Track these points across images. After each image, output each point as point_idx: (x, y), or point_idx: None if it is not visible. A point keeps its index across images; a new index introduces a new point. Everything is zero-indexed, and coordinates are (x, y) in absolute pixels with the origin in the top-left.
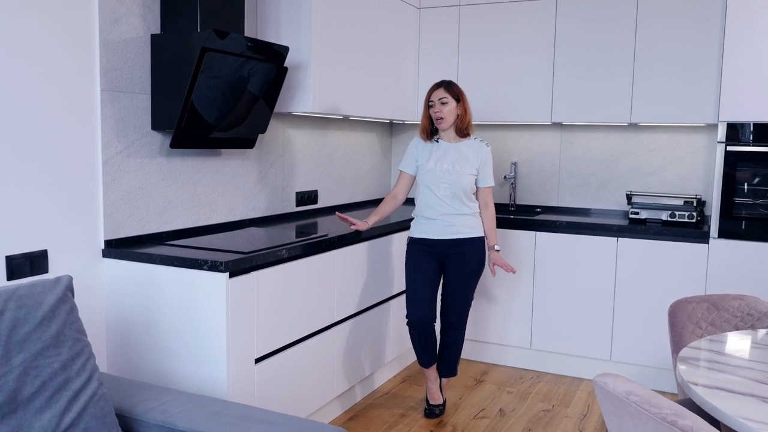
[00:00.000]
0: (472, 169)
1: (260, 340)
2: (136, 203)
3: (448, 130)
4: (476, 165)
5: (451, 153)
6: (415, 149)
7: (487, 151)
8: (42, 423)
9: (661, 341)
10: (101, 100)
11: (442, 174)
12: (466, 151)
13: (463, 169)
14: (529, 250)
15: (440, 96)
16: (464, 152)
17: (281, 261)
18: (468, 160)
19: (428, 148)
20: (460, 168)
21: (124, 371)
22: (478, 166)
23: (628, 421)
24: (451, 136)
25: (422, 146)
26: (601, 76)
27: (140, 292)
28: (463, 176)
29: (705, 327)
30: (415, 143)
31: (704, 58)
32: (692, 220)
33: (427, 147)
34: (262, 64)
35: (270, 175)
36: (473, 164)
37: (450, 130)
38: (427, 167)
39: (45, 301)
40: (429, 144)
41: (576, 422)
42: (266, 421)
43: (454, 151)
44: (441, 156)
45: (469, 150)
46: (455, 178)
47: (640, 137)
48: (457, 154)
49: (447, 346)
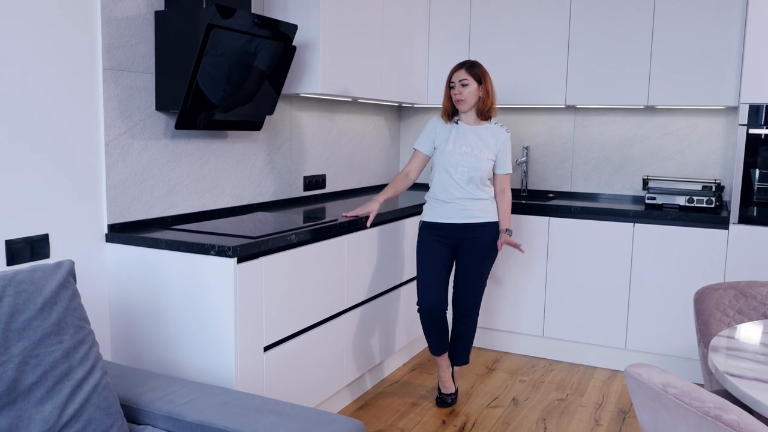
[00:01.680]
0: (491, 154)
1: (269, 328)
2: (140, 186)
3: (469, 113)
4: (495, 150)
5: (470, 136)
6: (434, 129)
7: (506, 137)
8: (43, 414)
9: (679, 330)
10: (104, 79)
11: (460, 157)
12: (486, 135)
13: (482, 153)
14: (542, 235)
15: (461, 77)
16: (484, 136)
17: (290, 246)
18: (487, 144)
19: (447, 130)
20: (479, 152)
21: (128, 360)
22: (496, 152)
23: (665, 415)
24: (471, 119)
25: (441, 127)
26: (618, 58)
27: (145, 278)
28: (481, 160)
29: (732, 315)
30: (434, 123)
31: (725, 38)
32: (711, 205)
33: (446, 128)
34: (269, 42)
35: (277, 159)
36: (492, 149)
37: (471, 112)
38: (445, 149)
39: (45, 287)
40: (448, 125)
41: (591, 411)
42: (277, 411)
43: (474, 134)
44: (460, 138)
45: (489, 134)
46: (474, 162)
47: (657, 120)
48: (477, 138)
49: (459, 334)
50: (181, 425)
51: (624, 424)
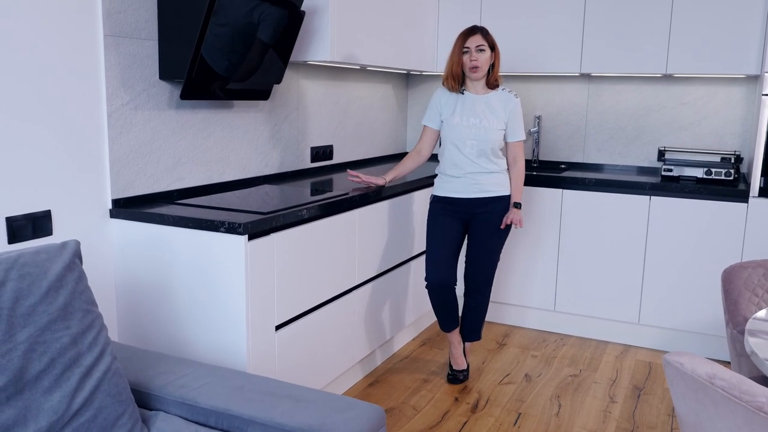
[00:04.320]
0: (500, 123)
1: (281, 306)
2: (144, 159)
3: (477, 82)
4: (504, 118)
5: (478, 106)
6: (438, 102)
7: (516, 103)
8: (52, 403)
9: (694, 305)
10: (104, 47)
11: (468, 129)
12: (494, 103)
13: (491, 124)
14: (555, 208)
15: (478, 43)
16: (492, 104)
17: (301, 222)
18: (496, 113)
19: (453, 101)
20: (488, 122)
21: (136, 340)
22: (506, 120)
23: (711, 409)
24: (479, 87)
25: (446, 98)
26: (636, 24)
27: (152, 256)
28: (491, 131)
29: (761, 294)
30: (438, 95)
31: (748, 4)
32: (729, 177)
33: (451, 99)
34: (276, 8)
35: (284, 129)
36: (501, 118)
37: (480, 81)
38: (452, 122)
39: (51, 270)
40: (453, 96)
41: (606, 388)
42: (294, 397)
43: (482, 104)
44: (467, 109)
45: (497, 102)
46: (483, 134)
47: (674, 89)
48: (485, 107)
49: (471, 310)
50: (195, 411)
51: (639, 401)
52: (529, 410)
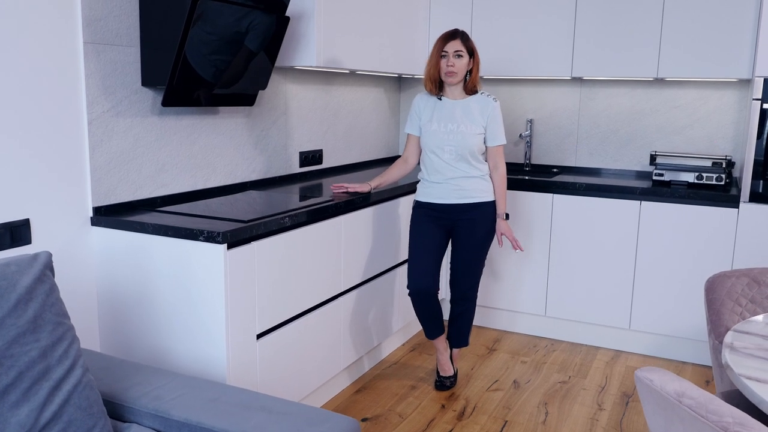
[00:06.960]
0: (478, 128)
1: (262, 315)
2: (126, 166)
3: (454, 87)
4: (483, 123)
5: (456, 111)
6: (417, 108)
7: (494, 107)
8: (19, 418)
9: (684, 311)
10: (84, 54)
11: (446, 135)
12: (473, 108)
13: (468, 129)
14: (545, 213)
15: (456, 48)
16: (470, 109)
17: (284, 229)
18: (474, 118)
19: (430, 106)
20: (465, 128)
21: (117, 349)
22: (485, 124)
23: (678, 427)
24: (456, 93)
25: (424, 104)
26: (627, 27)
27: (133, 264)
28: (469, 137)
29: (745, 304)
30: (417, 101)
31: (740, 8)
32: (721, 182)
33: (429, 105)
34: (260, 13)
35: (271, 134)
36: (480, 122)
37: (457, 86)
38: (430, 128)
39: (20, 282)
40: (432, 102)
41: (594, 395)
42: (267, 409)
43: (459, 109)
44: (445, 115)
45: (476, 106)
46: (460, 140)
47: (665, 93)
48: (463, 112)
49: (458, 317)
50: (168, 423)
51: (627, 408)
52: (515, 418)
